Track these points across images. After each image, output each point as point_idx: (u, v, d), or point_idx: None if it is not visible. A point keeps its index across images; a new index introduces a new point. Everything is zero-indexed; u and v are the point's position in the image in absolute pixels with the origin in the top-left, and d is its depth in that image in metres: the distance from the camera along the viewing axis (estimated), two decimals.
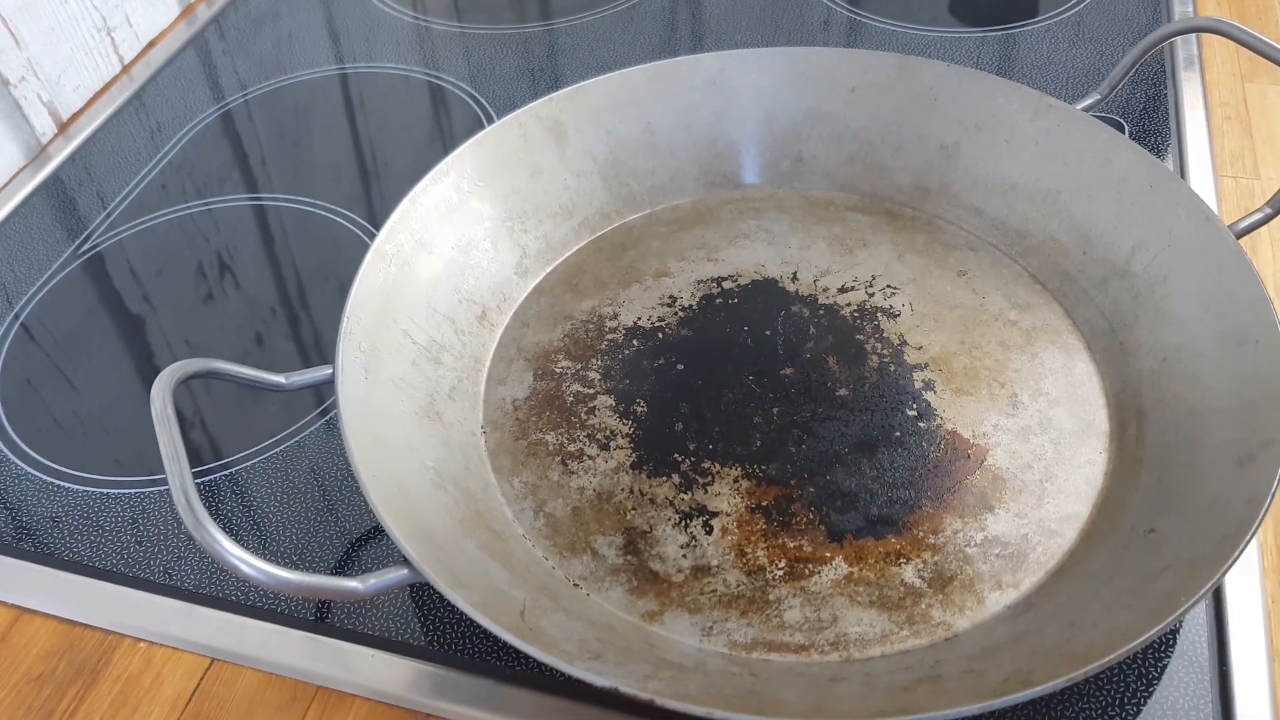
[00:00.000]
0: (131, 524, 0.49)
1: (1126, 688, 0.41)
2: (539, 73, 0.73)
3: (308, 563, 0.47)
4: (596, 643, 0.39)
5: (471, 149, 0.54)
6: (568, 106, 0.57)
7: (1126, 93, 0.65)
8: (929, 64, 0.57)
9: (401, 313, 0.50)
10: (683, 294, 0.55)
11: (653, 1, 0.78)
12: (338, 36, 0.78)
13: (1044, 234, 0.54)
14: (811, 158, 0.59)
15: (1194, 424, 0.45)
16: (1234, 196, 0.59)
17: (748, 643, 0.42)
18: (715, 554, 0.45)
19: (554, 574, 0.44)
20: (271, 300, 0.59)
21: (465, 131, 0.69)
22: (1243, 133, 0.62)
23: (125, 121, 0.72)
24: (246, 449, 0.51)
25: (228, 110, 0.72)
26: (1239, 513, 0.39)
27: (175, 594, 0.46)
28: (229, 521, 0.49)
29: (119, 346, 0.57)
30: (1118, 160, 0.52)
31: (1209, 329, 0.46)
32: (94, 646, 0.45)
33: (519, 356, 0.53)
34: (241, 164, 0.68)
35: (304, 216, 0.64)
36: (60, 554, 0.48)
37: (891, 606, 0.43)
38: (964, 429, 0.48)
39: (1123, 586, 0.40)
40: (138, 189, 0.67)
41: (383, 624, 0.44)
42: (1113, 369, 0.50)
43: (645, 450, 0.48)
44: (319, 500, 0.49)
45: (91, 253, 0.63)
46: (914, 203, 0.58)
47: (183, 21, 0.81)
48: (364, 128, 0.70)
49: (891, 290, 0.54)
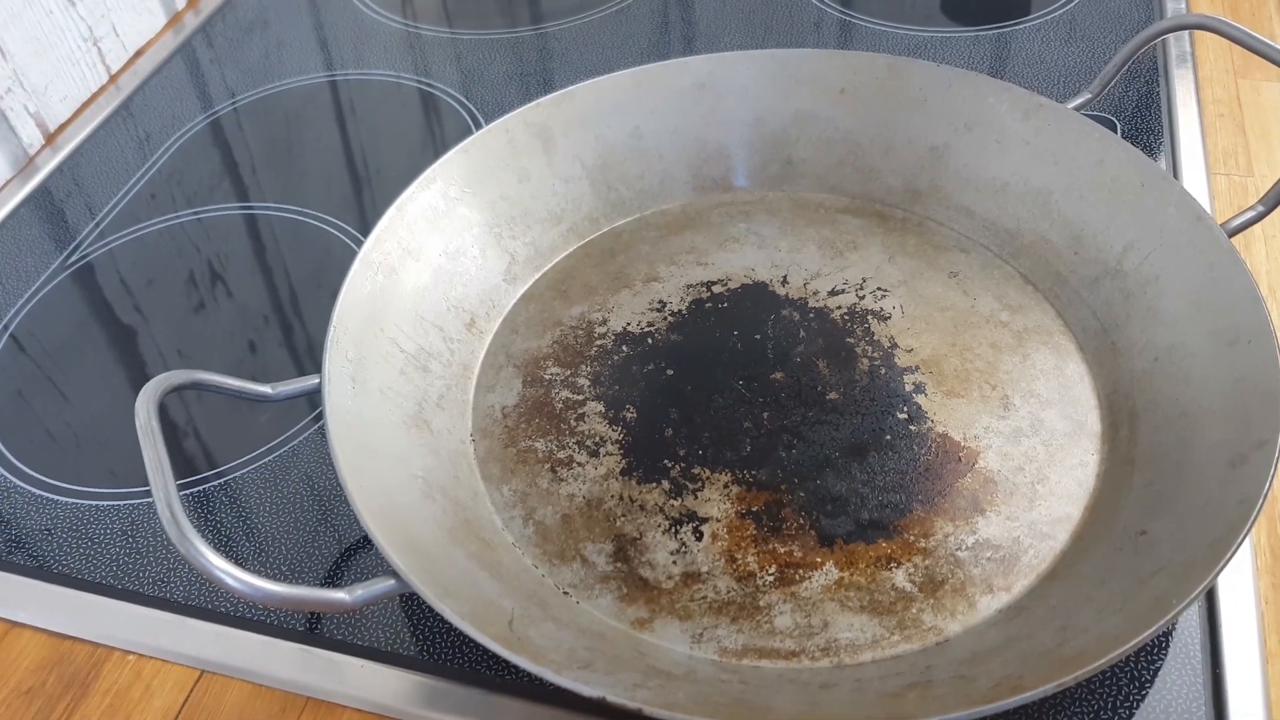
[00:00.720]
0: (124, 536, 0.49)
1: (1119, 691, 0.41)
2: (530, 78, 0.73)
3: (301, 572, 0.47)
4: (586, 651, 0.39)
5: (458, 155, 0.54)
6: (555, 112, 0.57)
7: (1119, 91, 0.65)
8: (918, 65, 0.56)
9: (389, 321, 0.49)
10: (672, 299, 0.55)
11: (643, 4, 0.78)
12: (327, 44, 0.78)
13: (1035, 234, 0.54)
14: (801, 160, 0.59)
15: (1186, 425, 0.44)
16: (1227, 194, 0.58)
17: (738, 649, 0.42)
18: (705, 560, 0.44)
19: (543, 582, 0.44)
20: (264, 309, 0.59)
21: (456, 138, 0.68)
22: (1236, 130, 0.62)
23: (113, 131, 0.72)
24: (239, 457, 0.51)
25: (217, 119, 0.72)
26: (1231, 514, 0.39)
27: (165, 606, 0.46)
28: (222, 531, 0.49)
29: (110, 357, 0.57)
30: (1109, 159, 0.51)
31: (1201, 329, 0.46)
32: (83, 659, 0.45)
33: (508, 363, 0.53)
34: (231, 173, 0.68)
35: (295, 225, 0.64)
36: (51, 566, 0.48)
37: (882, 611, 0.42)
38: (955, 432, 0.48)
39: (1115, 589, 0.40)
40: (126, 199, 0.66)
41: (373, 634, 0.44)
42: (1104, 370, 0.49)
43: (635, 456, 0.48)
44: (312, 509, 0.49)
45: (81, 263, 0.63)
46: (905, 204, 0.58)
47: (170, 30, 0.81)
48: (354, 135, 0.70)
49: (882, 292, 0.54)
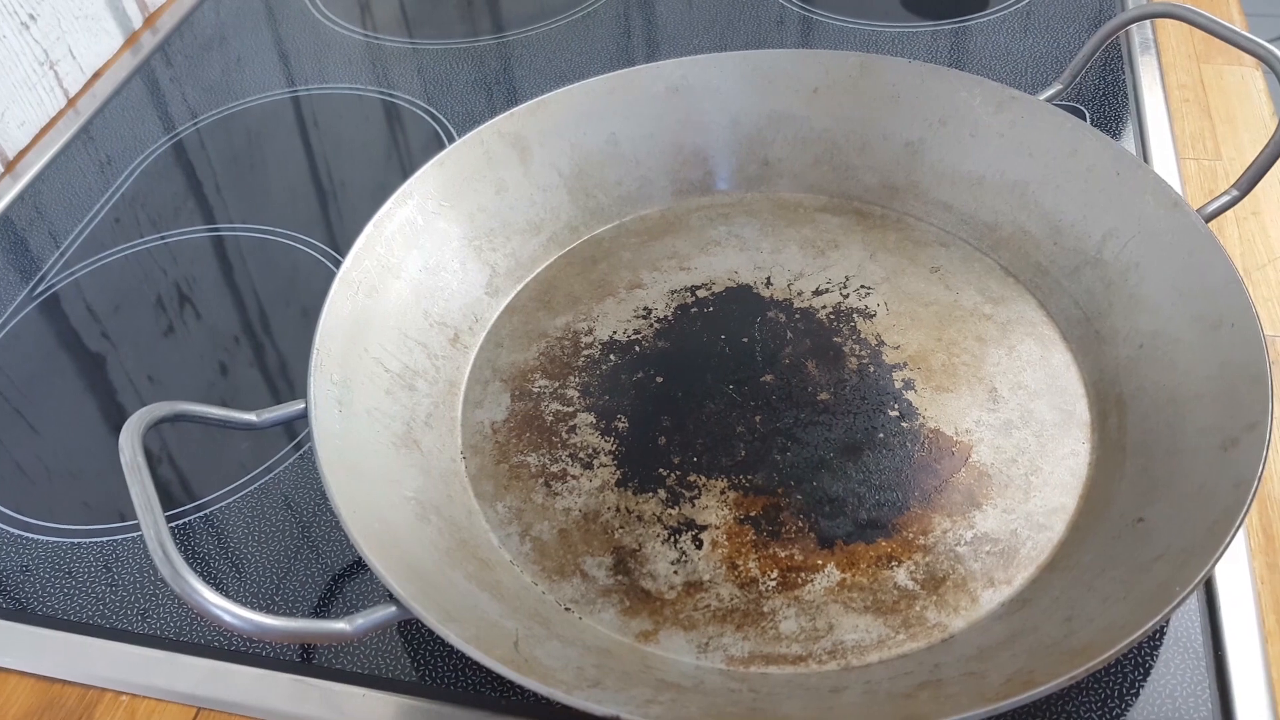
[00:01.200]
0: (105, 572, 0.48)
1: (1124, 677, 0.41)
2: (495, 86, 0.72)
3: (290, 602, 0.46)
4: (594, 669, 0.39)
5: (434, 169, 0.53)
6: (529, 121, 0.56)
7: (1084, 79, 0.65)
8: (890, 61, 0.56)
9: (372, 341, 0.49)
10: (657, 305, 0.54)
11: (606, 10, 0.78)
12: (288, 58, 0.77)
13: (1014, 226, 0.54)
14: (778, 160, 0.59)
15: (1174, 410, 0.45)
16: (1197, 179, 0.59)
17: (745, 657, 0.41)
18: (706, 568, 0.44)
19: (544, 599, 0.43)
20: (234, 330, 0.58)
21: (423, 148, 0.68)
22: (1202, 114, 0.63)
23: (74, 156, 0.70)
24: (220, 488, 0.50)
25: (179, 140, 0.71)
26: (1226, 498, 0.39)
27: (155, 643, 0.45)
28: (206, 565, 0.47)
29: (80, 387, 0.56)
30: (1083, 149, 0.52)
31: (1183, 314, 0.46)
32: (74, 703, 0.44)
33: (495, 378, 0.52)
34: (196, 194, 0.67)
35: (263, 244, 0.63)
36: (33, 608, 0.47)
37: (886, 611, 0.42)
38: (946, 427, 0.48)
39: (1116, 578, 0.40)
40: (91, 225, 0.65)
41: (371, 661, 0.43)
42: (1090, 358, 0.50)
43: (629, 466, 0.48)
44: (298, 537, 0.48)
45: (47, 294, 0.61)
46: (883, 201, 0.58)
47: (127, 51, 0.79)
48: (319, 150, 0.69)
49: (866, 290, 0.54)
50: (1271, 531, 0.45)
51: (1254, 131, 0.62)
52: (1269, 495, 0.46)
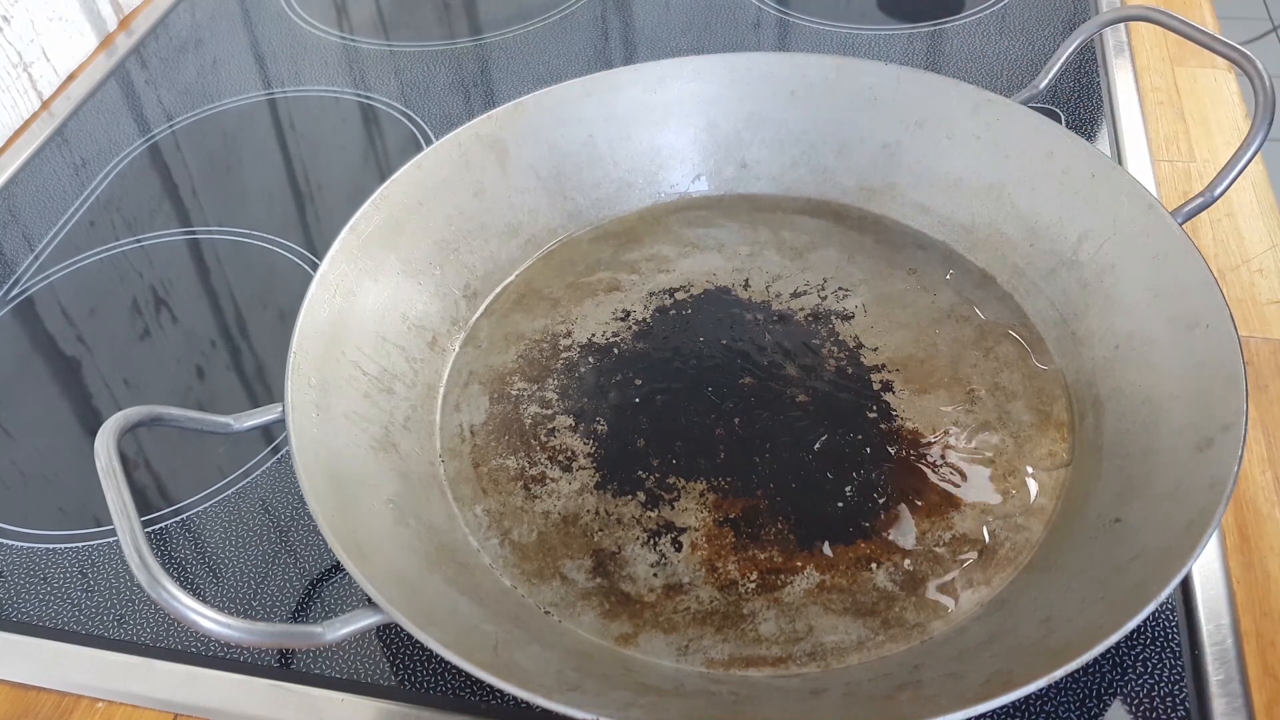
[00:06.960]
0: (81, 578, 0.47)
1: (1102, 677, 0.41)
2: (472, 88, 0.72)
3: (268, 607, 0.45)
4: (573, 672, 0.39)
5: (412, 171, 0.53)
6: (507, 123, 0.56)
7: (1059, 82, 0.66)
8: (867, 64, 0.57)
9: (350, 344, 0.48)
10: (635, 307, 0.54)
11: (583, 12, 0.78)
12: (264, 60, 0.77)
13: (991, 228, 0.54)
14: (755, 162, 0.59)
15: (1150, 411, 0.45)
16: (1171, 181, 0.60)
17: (724, 659, 0.41)
18: (686, 571, 0.44)
19: (524, 603, 0.43)
20: (211, 334, 0.57)
21: (400, 150, 0.68)
22: (1175, 117, 0.63)
23: (48, 159, 0.70)
24: (197, 493, 0.50)
25: (154, 142, 0.70)
26: (1202, 498, 0.39)
27: (131, 649, 0.45)
28: (183, 570, 0.47)
29: (55, 391, 0.55)
30: (1059, 151, 0.52)
31: (1159, 315, 0.47)
32: (50, 710, 0.43)
33: (473, 381, 0.52)
34: (172, 196, 0.66)
35: (239, 247, 0.62)
36: (8, 615, 0.46)
37: (866, 612, 0.42)
38: (924, 428, 0.48)
39: (1094, 578, 0.40)
40: (66, 228, 0.64)
41: (349, 666, 0.43)
42: (1066, 359, 0.50)
43: (608, 469, 0.48)
44: (275, 541, 0.48)
45: (21, 298, 0.61)
46: (860, 203, 0.58)
47: (102, 53, 0.79)
48: (296, 153, 0.69)
49: (844, 292, 0.54)
50: (1246, 531, 0.45)
51: (1227, 134, 0.62)
52: (1244, 495, 0.46)
